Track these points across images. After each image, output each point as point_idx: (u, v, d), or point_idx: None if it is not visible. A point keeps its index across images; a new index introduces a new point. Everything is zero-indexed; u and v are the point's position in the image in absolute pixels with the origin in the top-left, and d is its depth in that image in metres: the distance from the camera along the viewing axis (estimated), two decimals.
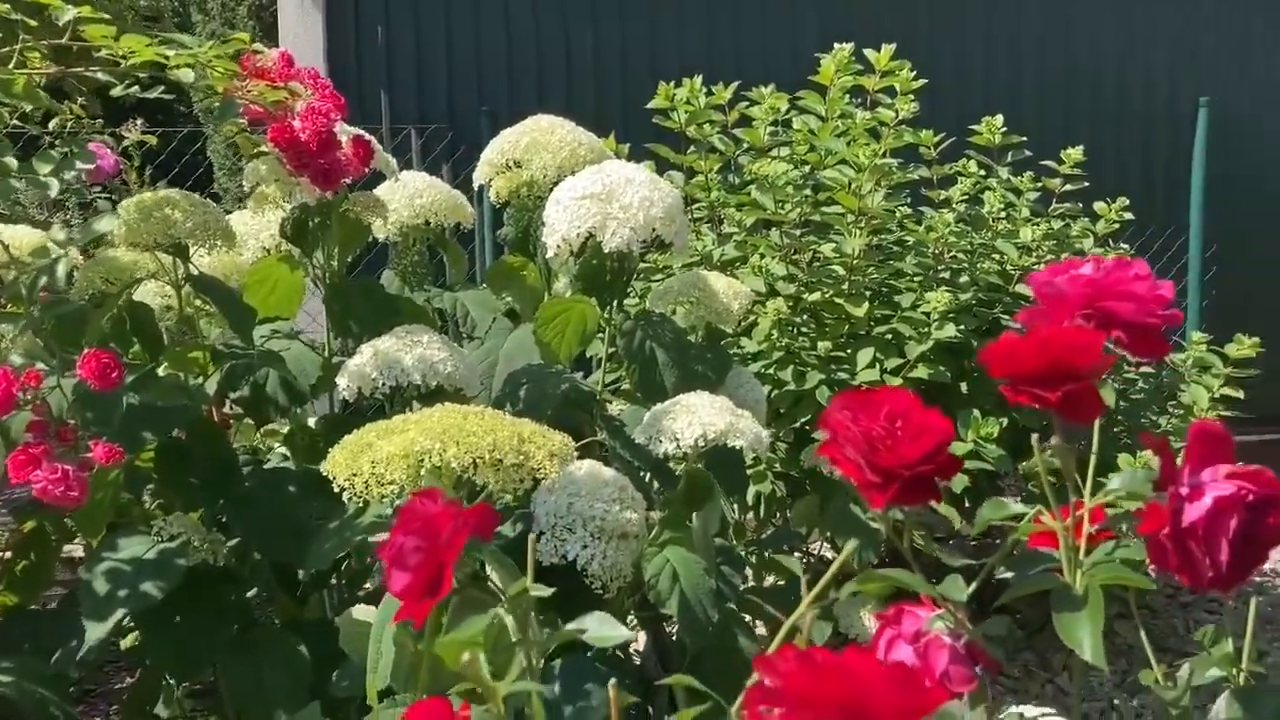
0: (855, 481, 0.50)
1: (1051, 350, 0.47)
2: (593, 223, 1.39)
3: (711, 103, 2.53)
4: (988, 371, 0.54)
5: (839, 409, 0.51)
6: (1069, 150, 2.56)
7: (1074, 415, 0.48)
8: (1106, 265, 0.55)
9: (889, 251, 2.41)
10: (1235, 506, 0.48)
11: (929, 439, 0.50)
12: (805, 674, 0.36)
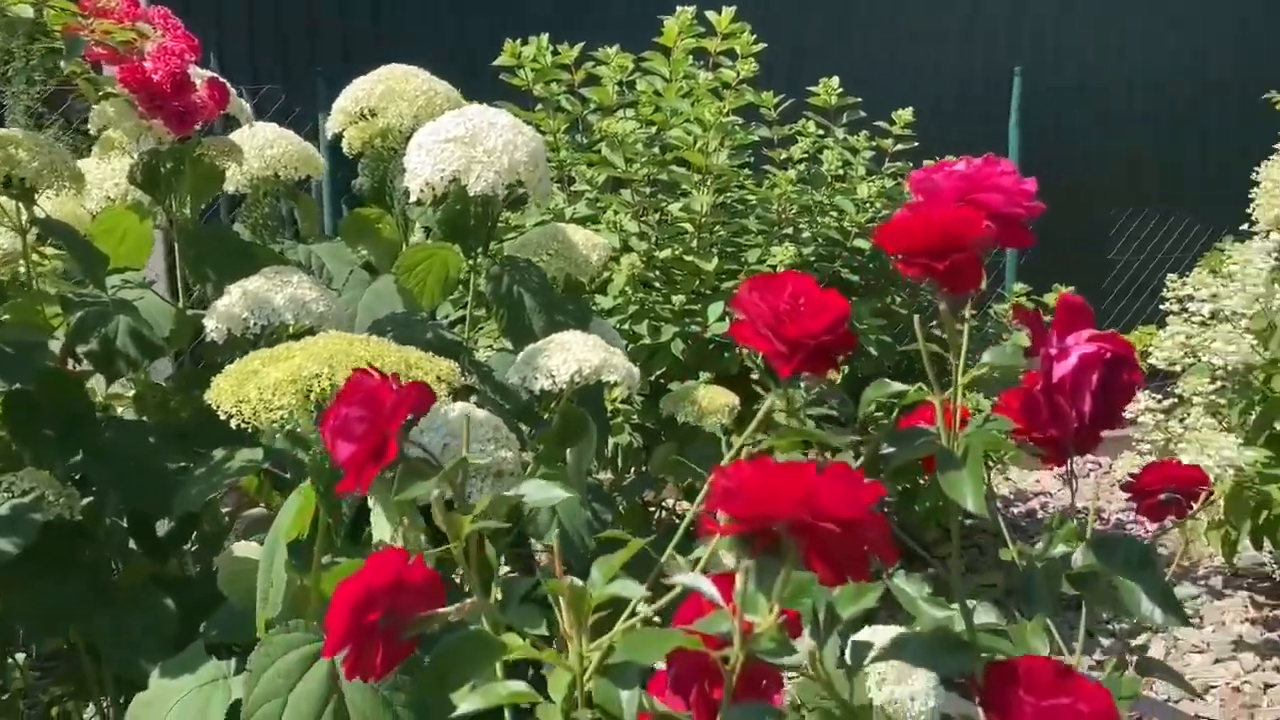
0: (765, 352, 0.54)
1: (939, 225, 0.52)
2: (457, 166, 1.39)
3: (558, 62, 2.55)
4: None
5: (748, 291, 0.55)
6: (899, 112, 2.69)
7: (958, 285, 0.53)
8: (976, 163, 0.60)
9: (734, 209, 2.48)
10: (1096, 363, 0.54)
11: (828, 314, 0.54)
12: (761, 475, 0.40)
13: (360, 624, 0.48)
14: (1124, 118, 4.84)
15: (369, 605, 0.48)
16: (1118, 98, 4.82)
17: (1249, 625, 2.66)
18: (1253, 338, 2.19)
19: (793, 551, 0.40)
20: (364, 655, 0.50)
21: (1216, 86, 4.92)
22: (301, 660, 0.87)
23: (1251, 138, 2.73)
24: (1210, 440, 2.08)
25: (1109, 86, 4.80)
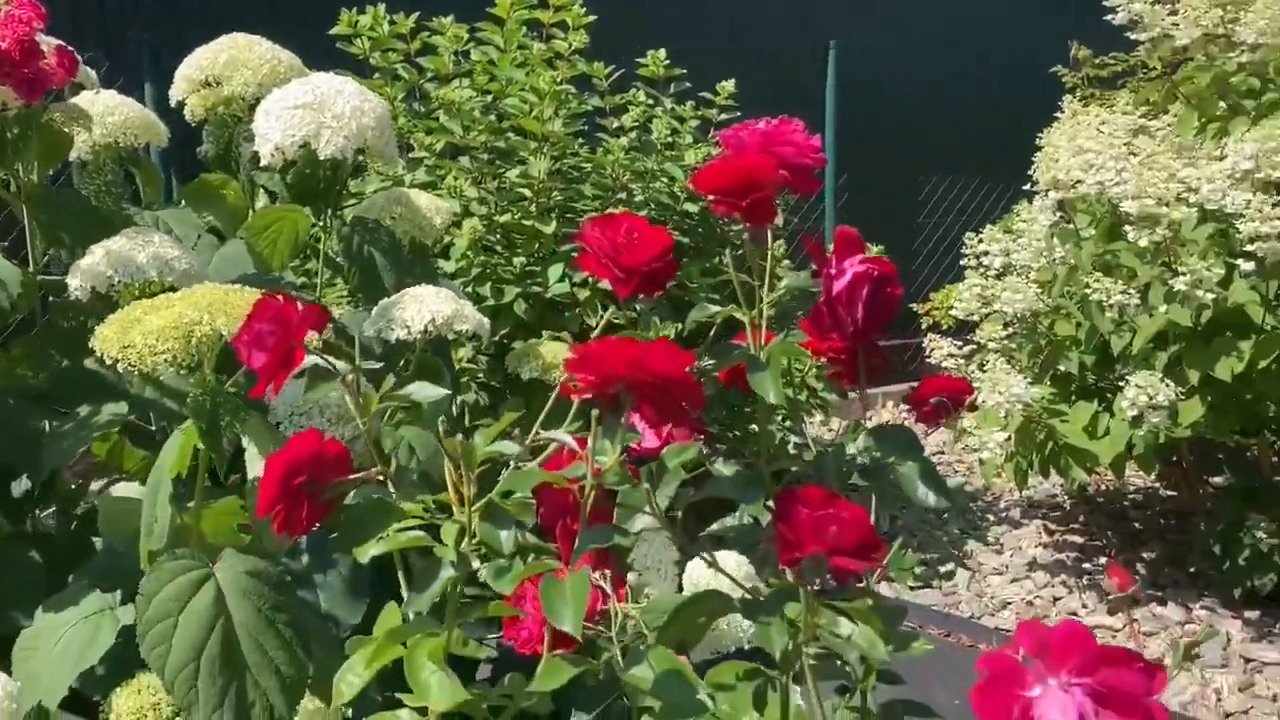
0: (606, 278, 0.66)
1: (742, 171, 0.64)
2: (306, 131, 1.46)
3: (394, 31, 2.60)
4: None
5: (591, 228, 0.67)
6: (723, 83, 2.84)
7: (757, 220, 0.66)
8: (773, 122, 0.74)
9: (570, 176, 2.59)
10: (866, 279, 0.68)
11: (656, 245, 0.66)
12: (605, 346, 0.52)
13: (289, 487, 0.58)
14: (938, 91, 5.15)
15: (295, 472, 0.58)
16: (933, 73, 5.13)
17: (1041, 549, 2.96)
18: (1038, 287, 2.44)
19: (630, 404, 0.53)
20: (292, 513, 0.59)
21: (1024, 63, 5.29)
22: (190, 584, 0.95)
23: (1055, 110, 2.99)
24: (1001, 380, 2.31)
25: (925, 62, 5.10)
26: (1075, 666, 0.47)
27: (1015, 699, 0.47)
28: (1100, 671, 0.46)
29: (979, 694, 0.48)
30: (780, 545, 0.55)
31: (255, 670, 0.94)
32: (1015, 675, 0.48)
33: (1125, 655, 0.47)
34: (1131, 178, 2.15)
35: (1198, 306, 2.10)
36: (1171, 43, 2.31)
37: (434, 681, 0.56)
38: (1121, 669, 0.46)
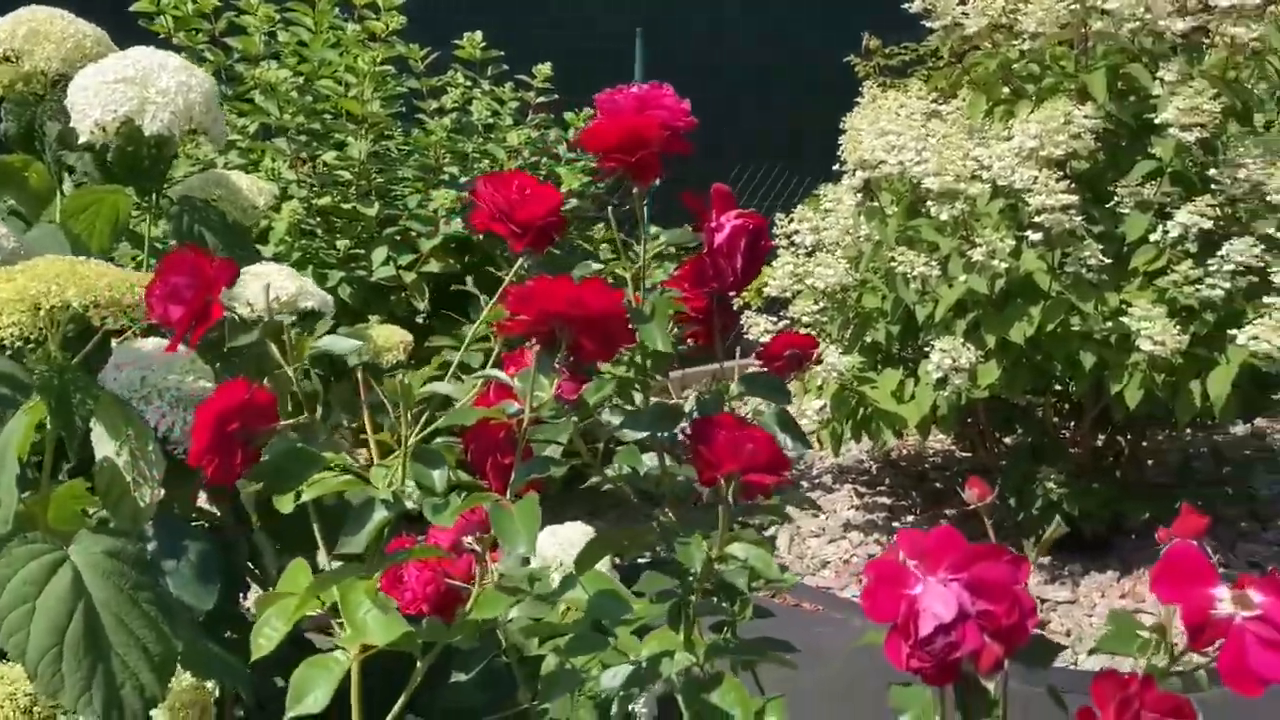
0: (502, 233, 0.68)
1: (629, 130, 0.68)
2: (129, 107, 1.40)
3: (198, 10, 2.51)
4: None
5: (484, 186, 0.69)
6: (539, 66, 2.87)
7: (643, 176, 0.70)
8: (646, 87, 0.78)
9: (390, 157, 2.56)
10: (743, 232, 0.73)
11: (548, 201, 0.69)
12: (544, 284, 0.54)
13: (223, 434, 0.58)
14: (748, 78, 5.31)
15: (228, 419, 0.58)
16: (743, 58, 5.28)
17: (854, 511, 3.13)
18: (846, 263, 2.58)
19: (566, 340, 0.56)
20: (226, 460, 0.59)
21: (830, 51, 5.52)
22: (45, 567, 0.92)
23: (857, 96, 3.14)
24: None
25: (734, 48, 5.25)
26: (951, 564, 0.53)
27: (901, 597, 0.52)
28: (973, 567, 0.53)
29: (868, 596, 0.54)
30: (701, 465, 0.59)
31: (122, 651, 0.92)
32: (899, 576, 0.54)
33: (994, 551, 0.53)
34: (931, 157, 2.30)
35: (992, 275, 2.27)
36: (961, 31, 2.48)
37: (370, 619, 0.58)
38: (991, 562, 0.53)
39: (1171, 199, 2.30)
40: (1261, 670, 0.50)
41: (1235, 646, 0.51)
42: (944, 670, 0.50)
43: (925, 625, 0.50)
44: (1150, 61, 2.35)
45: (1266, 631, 0.50)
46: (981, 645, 0.50)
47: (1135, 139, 2.37)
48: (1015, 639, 0.51)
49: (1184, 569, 0.52)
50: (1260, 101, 2.47)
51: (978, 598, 0.51)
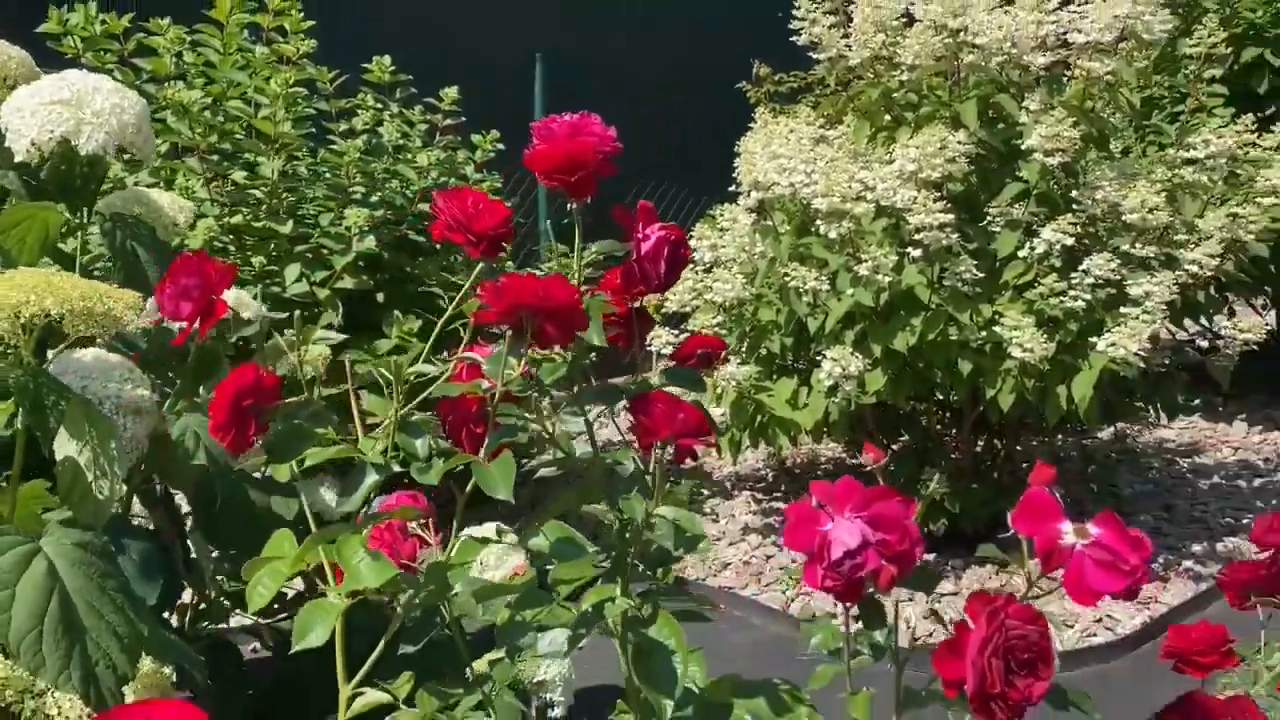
0: (459, 242, 0.79)
1: (571, 151, 0.79)
2: (66, 128, 1.46)
3: (107, 31, 2.54)
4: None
5: (442, 200, 0.80)
6: (446, 90, 2.96)
7: (580, 193, 0.82)
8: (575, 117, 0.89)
9: (301, 177, 2.62)
10: (666, 241, 0.85)
11: (499, 215, 0.80)
12: (514, 281, 0.65)
13: (238, 410, 0.67)
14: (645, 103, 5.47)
15: (243, 396, 0.67)
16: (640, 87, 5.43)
17: (752, 515, 3.28)
18: (743, 278, 2.73)
19: (531, 327, 0.66)
20: (241, 433, 0.68)
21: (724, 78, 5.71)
22: (21, 557, 0.98)
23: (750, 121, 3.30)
24: None
25: (632, 76, 5.40)
26: (853, 505, 0.66)
27: (816, 532, 0.65)
28: (872, 506, 0.65)
29: (789, 533, 0.66)
30: (641, 432, 0.71)
31: (94, 633, 0.99)
32: (814, 517, 0.66)
33: (888, 493, 0.66)
34: (820, 179, 2.46)
35: (877, 289, 2.44)
36: (845, 62, 2.66)
37: (363, 566, 0.67)
38: (886, 502, 0.65)
39: (1038, 218, 2.51)
40: (1095, 585, 0.63)
41: (1076, 568, 0.64)
42: (850, 588, 0.62)
43: (836, 551, 0.62)
44: (1017, 92, 2.56)
45: (1100, 555, 0.63)
46: (880, 566, 0.62)
47: (1004, 163, 2.58)
48: (906, 562, 0.63)
49: (1037, 509, 0.65)
50: (1115, 129, 2.70)
51: (876, 530, 0.63)
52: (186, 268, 0.72)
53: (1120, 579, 0.63)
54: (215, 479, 1.40)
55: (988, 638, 0.62)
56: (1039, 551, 0.65)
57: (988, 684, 0.61)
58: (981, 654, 0.61)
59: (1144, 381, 2.74)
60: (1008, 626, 0.62)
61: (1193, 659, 0.89)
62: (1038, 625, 0.63)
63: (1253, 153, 2.78)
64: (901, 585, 0.65)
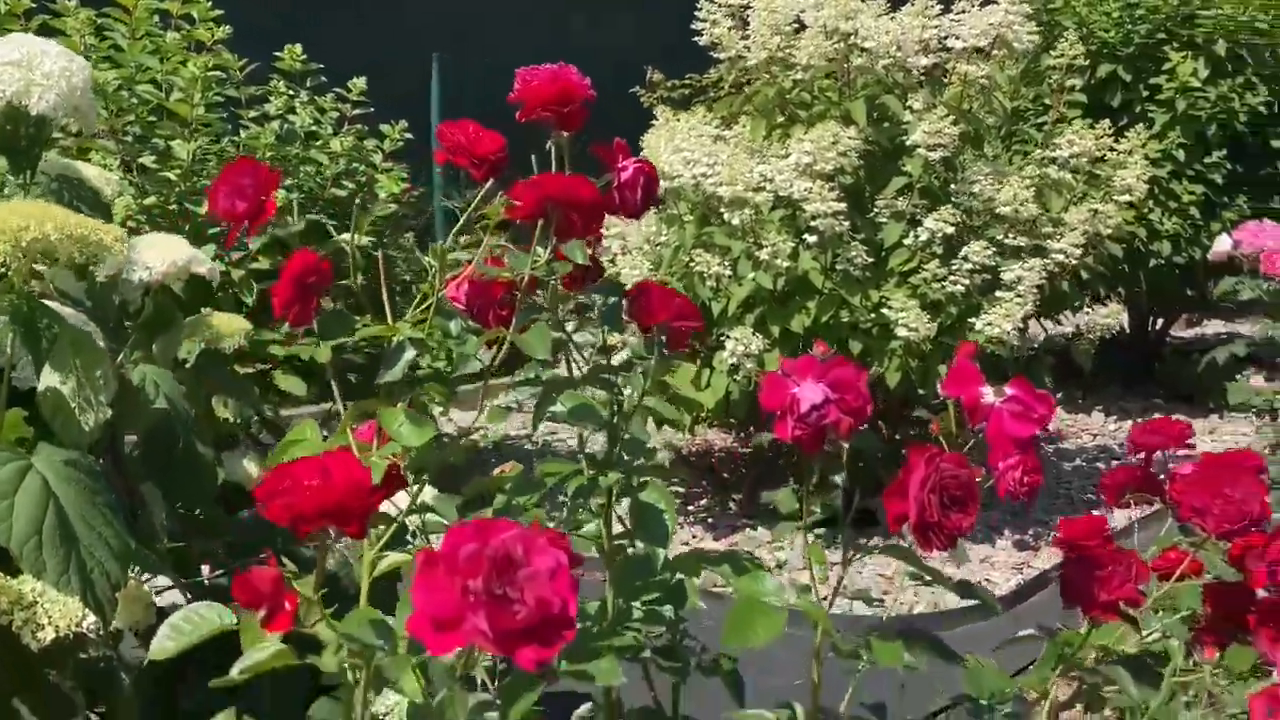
0: (463, 164, 0.89)
1: (563, 85, 0.90)
2: (16, 88, 1.50)
3: (10, 10, 2.54)
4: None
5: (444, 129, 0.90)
6: (355, 81, 3.02)
7: (571, 125, 0.93)
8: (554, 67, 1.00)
9: (217, 160, 2.66)
10: (642, 171, 0.97)
11: (497, 140, 0.91)
12: (545, 178, 0.76)
13: (303, 286, 0.75)
14: None
15: (307, 274, 0.76)
16: None
17: None
18: (649, 265, 2.86)
19: (556, 219, 0.77)
20: (304, 307, 0.77)
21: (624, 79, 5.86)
22: (16, 471, 1.04)
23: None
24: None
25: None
26: (815, 374, 0.79)
27: (787, 392, 0.77)
28: (830, 373, 0.78)
29: (765, 395, 0.78)
30: (641, 315, 0.82)
31: (87, 543, 1.05)
32: (783, 382, 0.78)
33: (843, 362, 0.79)
34: (723, 170, 2.62)
35: (775, 274, 2.61)
36: (744, 62, 2.83)
37: (404, 429, 0.76)
38: (843, 369, 0.78)
39: (920, 209, 2.71)
40: (1012, 431, 0.77)
41: (996, 420, 0.78)
42: (814, 436, 0.75)
43: (804, 406, 0.74)
44: (901, 93, 2.76)
45: (1014, 408, 0.77)
46: (839, 418, 0.75)
47: (890, 159, 2.77)
48: (859, 416, 0.76)
49: (963, 376, 0.79)
50: (990, 130, 2.93)
51: (835, 390, 0.76)
52: (242, 169, 0.81)
53: (1031, 425, 0.77)
54: (176, 425, 1.45)
55: (926, 477, 0.75)
56: (965, 407, 0.78)
57: (927, 514, 0.75)
58: (922, 489, 0.75)
59: (1015, 364, 2.98)
60: (942, 469, 0.76)
61: (1080, 544, 1.05)
62: (967, 471, 0.77)
63: (1110, 156, 3.05)
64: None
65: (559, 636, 0.50)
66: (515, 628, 0.48)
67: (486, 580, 0.48)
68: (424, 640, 0.48)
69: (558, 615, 0.50)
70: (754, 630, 0.81)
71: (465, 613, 0.48)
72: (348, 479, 0.57)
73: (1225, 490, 0.93)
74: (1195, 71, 3.80)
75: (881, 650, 0.87)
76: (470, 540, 0.49)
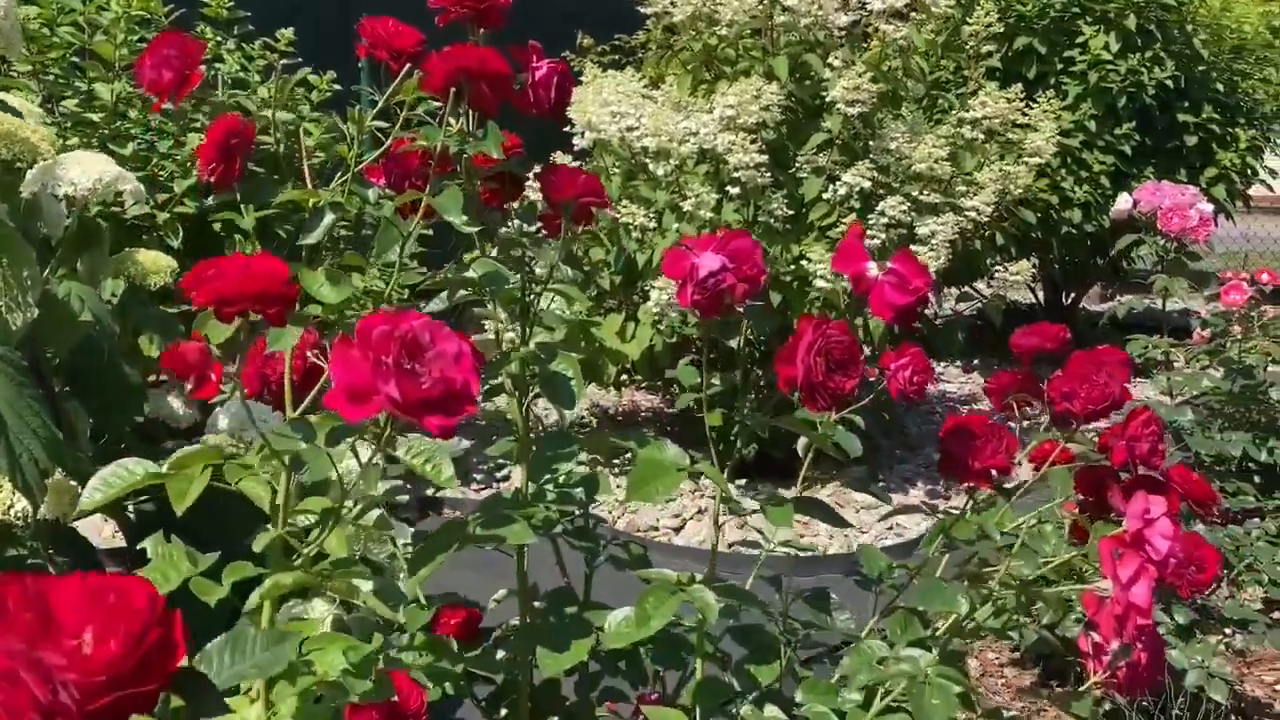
0: (383, 58, 0.93)
1: None
2: None
3: None
4: None
5: (367, 24, 0.94)
6: (282, 31, 3.02)
7: (488, 21, 0.98)
8: None
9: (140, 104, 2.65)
10: (556, 71, 1.02)
11: (414, 35, 0.95)
12: (454, 49, 0.81)
13: (227, 146, 0.79)
14: None
15: (231, 136, 0.79)
16: None
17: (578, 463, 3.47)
18: None
19: (468, 90, 0.82)
20: (229, 166, 0.80)
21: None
22: None
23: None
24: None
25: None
26: (714, 246, 0.85)
27: (687, 262, 0.83)
28: (729, 245, 0.84)
29: (667, 266, 0.84)
30: (550, 192, 0.87)
31: (16, 430, 1.08)
32: (684, 255, 0.84)
33: (741, 234, 0.85)
34: (649, 122, 2.67)
35: (699, 225, 2.67)
36: (670, 19, 2.89)
37: (325, 289, 0.80)
38: (740, 240, 0.85)
39: (839, 166, 2.79)
40: (891, 299, 0.84)
41: (878, 291, 0.85)
42: (712, 301, 0.81)
43: (702, 272, 0.80)
44: (823, 52, 2.84)
45: (894, 279, 0.84)
46: (734, 283, 0.81)
47: (811, 116, 2.85)
48: (754, 284, 0.82)
49: (850, 253, 0.86)
50: (908, 90, 3.02)
51: (732, 260, 0.82)
52: (168, 40, 0.84)
53: (908, 295, 0.84)
54: (103, 340, 1.47)
55: (813, 341, 0.81)
56: (851, 280, 0.85)
57: (813, 375, 0.81)
58: (809, 353, 0.81)
59: (932, 326, 3.09)
60: (828, 335, 0.82)
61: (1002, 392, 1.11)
62: (850, 338, 0.83)
63: (1020, 119, 3.17)
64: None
65: (461, 410, 0.55)
66: (422, 397, 0.53)
67: (397, 357, 0.53)
68: (340, 411, 0.54)
69: (460, 390, 0.55)
70: (654, 486, 0.87)
71: (377, 383, 0.53)
72: (268, 268, 0.62)
73: (1092, 376, 1.01)
74: (1107, 45, 3.94)
75: (774, 513, 0.94)
76: (383, 324, 0.54)
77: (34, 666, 0.38)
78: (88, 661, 0.39)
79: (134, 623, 0.40)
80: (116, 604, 0.41)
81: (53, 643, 0.39)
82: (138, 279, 2.04)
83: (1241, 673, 2.11)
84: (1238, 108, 4.29)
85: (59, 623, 0.40)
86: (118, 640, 0.40)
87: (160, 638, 0.41)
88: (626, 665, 1.16)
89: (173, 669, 0.41)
